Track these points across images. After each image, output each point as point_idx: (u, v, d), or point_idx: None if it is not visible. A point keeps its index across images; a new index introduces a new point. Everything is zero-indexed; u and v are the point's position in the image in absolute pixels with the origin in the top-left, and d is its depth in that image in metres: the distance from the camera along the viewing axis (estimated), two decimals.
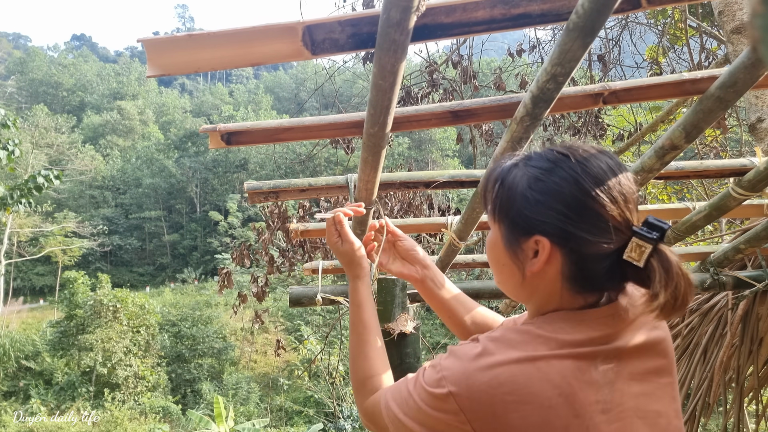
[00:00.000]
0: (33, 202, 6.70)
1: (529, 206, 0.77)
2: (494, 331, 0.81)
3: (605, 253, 0.74)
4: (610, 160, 0.77)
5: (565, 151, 0.77)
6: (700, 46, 3.85)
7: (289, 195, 1.35)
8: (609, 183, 0.74)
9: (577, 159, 0.76)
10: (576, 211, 0.73)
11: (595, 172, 0.74)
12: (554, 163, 0.76)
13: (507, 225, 0.81)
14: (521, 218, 0.78)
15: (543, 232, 0.76)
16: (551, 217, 0.75)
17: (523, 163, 0.80)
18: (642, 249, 0.71)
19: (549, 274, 0.78)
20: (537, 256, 0.77)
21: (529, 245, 0.78)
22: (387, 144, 1.03)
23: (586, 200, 0.73)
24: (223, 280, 4.55)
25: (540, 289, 0.80)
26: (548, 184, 0.75)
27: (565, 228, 0.74)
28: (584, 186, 0.73)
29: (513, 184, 0.79)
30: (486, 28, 0.75)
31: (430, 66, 4.42)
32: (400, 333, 1.73)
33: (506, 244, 0.82)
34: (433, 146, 41.56)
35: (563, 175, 0.75)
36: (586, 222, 0.73)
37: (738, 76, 0.94)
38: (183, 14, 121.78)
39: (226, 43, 0.75)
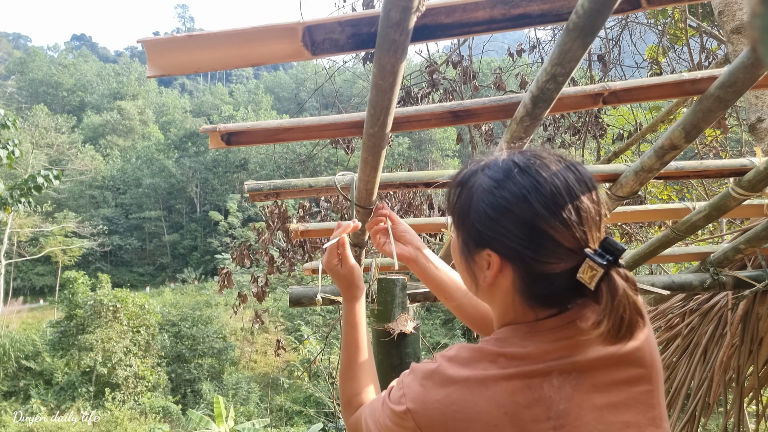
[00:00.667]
0: (33, 201, 6.70)
1: (480, 220, 0.76)
2: (451, 348, 0.80)
3: (557, 273, 0.73)
4: (570, 175, 0.73)
5: (523, 162, 0.75)
6: (700, 46, 3.85)
7: (289, 195, 1.35)
8: (562, 203, 0.71)
9: (531, 174, 0.73)
10: (524, 231, 0.72)
11: (548, 191, 0.71)
12: (507, 177, 0.74)
13: (462, 234, 0.81)
14: (474, 230, 0.77)
15: (492, 247, 0.75)
16: (500, 234, 0.74)
17: (482, 171, 0.79)
18: (593, 272, 0.69)
19: (503, 286, 0.78)
20: (490, 267, 0.77)
21: (482, 257, 0.78)
22: (387, 144, 1.03)
23: (534, 221, 0.71)
24: (223, 280, 4.55)
25: (496, 299, 0.80)
26: (498, 199, 0.74)
27: (512, 246, 0.73)
28: (534, 206, 0.71)
29: (469, 193, 0.78)
30: (486, 28, 0.75)
31: (430, 66, 4.42)
32: (400, 333, 1.73)
33: (461, 253, 0.83)
34: (433, 146, 41.57)
35: (514, 191, 0.73)
36: (533, 242, 0.72)
37: (738, 76, 0.94)
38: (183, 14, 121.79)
39: (226, 44, 0.75)
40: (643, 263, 2.07)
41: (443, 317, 28.18)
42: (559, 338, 0.74)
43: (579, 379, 0.72)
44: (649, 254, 1.94)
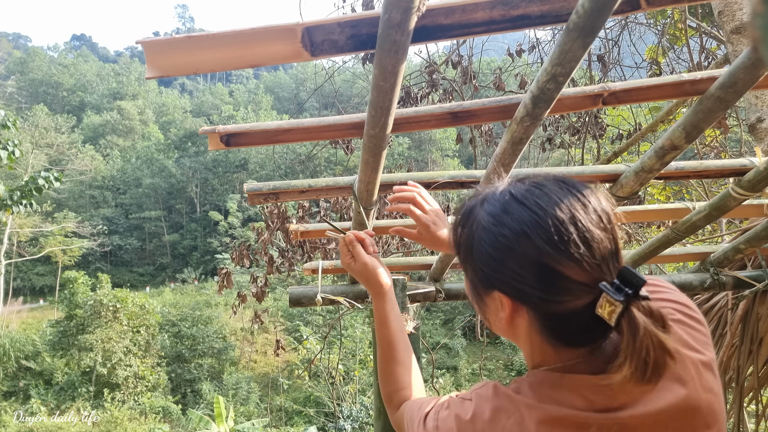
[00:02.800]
0: (34, 203, 6.70)
1: (484, 261, 0.70)
2: (487, 387, 0.75)
3: (573, 310, 0.65)
4: (575, 203, 0.66)
5: (520, 194, 0.69)
6: (699, 46, 3.85)
7: (289, 196, 1.35)
8: (567, 236, 0.64)
9: (530, 206, 0.67)
10: (530, 271, 0.65)
11: (549, 223, 0.65)
12: (505, 212, 0.68)
13: (470, 275, 0.76)
14: (479, 272, 0.72)
15: (501, 289, 0.69)
16: (505, 276, 0.68)
17: (481, 206, 0.73)
18: (612, 308, 0.62)
19: (521, 327, 0.72)
20: (502, 309, 0.71)
21: (492, 299, 0.72)
22: (387, 145, 1.03)
23: (540, 258, 0.64)
24: (222, 280, 4.55)
25: (519, 340, 0.74)
26: (498, 238, 0.68)
27: (520, 288, 0.67)
28: (535, 242, 0.65)
29: (471, 232, 0.73)
30: (485, 29, 0.75)
31: (430, 66, 4.42)
32: None
33: (472, 294, 0.77)
34: (433, 146, 41.57)
35: (513, 227, 0.66)
36: (543, 282, 0.65)
37: (738, 76, 0.94)
38: (183, 14, 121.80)
39: (225, 45, 0.74)
40: (643, 263, 2.07)
41: (443, 317, 28.19)
42: (595, 386, 0.66)
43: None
44: (649, 254, 1.94)
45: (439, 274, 2.06)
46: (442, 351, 24.61)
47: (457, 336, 25.40)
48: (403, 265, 2.29)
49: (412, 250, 4.68)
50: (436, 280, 2.08)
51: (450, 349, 25.02)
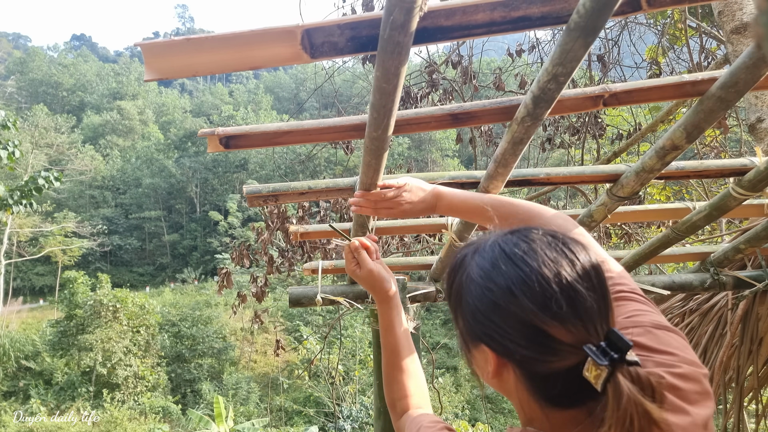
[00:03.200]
0: (34, 202, 6.70)
1: (471, 313, 0.70)
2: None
3: (559, 370, 0.64)
4: (563, 261, 0.65)
5: (509, 249, 0.68)
6: (699, 47, 3.85)
7: (288, 198, 1.35)
8: (552, 295, 0.63)
9: (517, 263, 0.66)
10: (516, 329, 0.64)
11: (535, 282, 0.64)
12: (493, 267, 0.68)
13: (459, 325, 0.75)
14: (467, 324, 0.71)
15: (486, 343, 0.68)
16: (491, 331, 0.67)
17: (473, 257, 0.72)
18: (598, 371, 0.60)
19: (509, 383, 0.70)
20: (488, 364, 0.70)
21: (479, 351, 0.71)
22: (389, 146, 1.03)
23: (525, 317, 0.63)
24: (222, 280, 4.55)
25: (508, 395, 0.72)
26: (486, 292, 0.67)
27: (505, 345, 0.66)
28: (521, 301, 0.64)
29: (461, 283, 0.72)
30: (486, 30, 0.75)
31: (430, 66, 4.41)
32: None
33: (461, 343, 0.77)
34: (433, 146, 41.57)
35: (500, 283, 0.66)
36: (528, 340, 0.64)
37: (739, 76, 0.94)
38: (183, 14, 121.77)
39: (224, 47, 0.74)
40: (643, 263, 2.07)
41: (443, 317, 28.18)
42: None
43: None
44: (649, 254, 1.94)
45: (439, 274, 2.06)
46: (442, 351, 24.61)
47: (457, 336, 25.37)
48: (403, 265, 2.28)
49: (412, 250, 4.68)
50: (436, 280, 2.08)
51: (450, 349, 25.02)
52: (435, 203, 1.13)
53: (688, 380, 0.70)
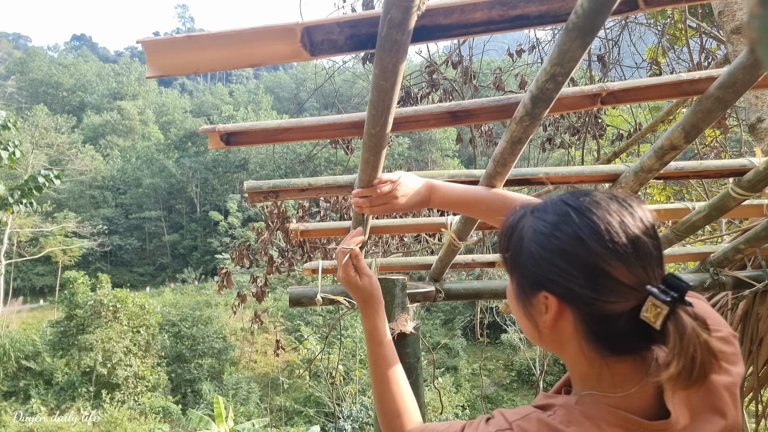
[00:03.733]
0: (34, 202, 6.70)
1: (534, 262, 0.74)
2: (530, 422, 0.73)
3: (619, 312, 0.69)
4: (624, 212, 0.71)
5: (575, 203, 0.73)
6: (699, 47, 3.85)
7: (289, 195, 1.35)
8: (619, 238, 0.68)
9: (584, 213, 0.71)
10: (579, 270, 0.69)
11: (601, 228, 0.69)
12: (560, 217, 0.73)
13: (517, 278, 0.79)
14: (529, 273, 0.75)
15: (549, 289, 0.72)
16: (555, 275, 0.71)
17: (532, 215, 0.77)
18: (658, 310, 0.65)
19: (565, 331, 0.74)
20: (548, 311, 0.74)
21: (538, 300, 0.75)
22: (387, 144, 1.03)
23: (590, 258, 0.68)
24: (222, 280, 4.55)
25: (563, 348, 0.76)
26: (552, 240, 0.72)
27: (568, 287, 0.70)
28: (589, 244, 0.69)
29: (521, 237, 0.77)
30: (484, 29, 0.75)
31: (430, 66, 4.42)
32: (400, 333, 1.73)
33: (517, 298, 0.80)
34: (433, 146, 41.59)
35: (568, 231, 0.71)
36: (592, 281, 0.69)
37: (737, 76, 0.94)
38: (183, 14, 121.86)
39: (225, 44, 0.75)
40: None
41: (443, 317, 28.19)
42: (647, 429, 0.69)
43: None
44: None
45: (438, 274, 2.06)
46: (442, 351, 24.62)
47: (457, 336, 25.40)
48: (403, 265, 2.29)
49: (412, 250, 4.69)
50: (436, 280, 2.08)
51: (450, 349, 25.03)
52: (429, 196, 1.14)
53: (727, 343, 0.78)
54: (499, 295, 2.15)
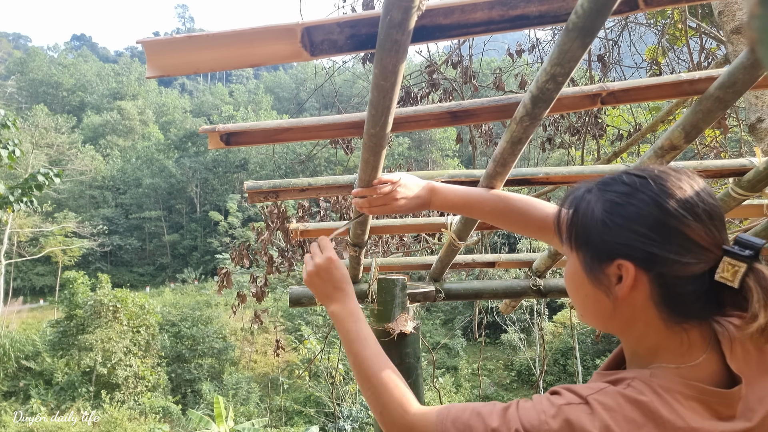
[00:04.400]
0: (35, 201, 6.70)
1: (609, 231, 0.74)
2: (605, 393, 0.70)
3: (694, 274, 0.70)
4: (688, 179, 0.74)
5: (640, 173, 0.76)
6: (699, 47, 3.85)
7: (289, 195, 1.35)
8: (691, 201, 0.71)
9: (654, 180, 0.74)
10: (659, 232, 0.71)
11: (675, 192, 0.72)
12: (632, 187, 0.75)
13: (587, 252, 0.78)
14: (602, 243, 0.75)
15: (625, 255, 0.73)
16: (633, 240, 0.72)
17: (598, 189, 0.78)
18: (735, 269, 0.67)
19: (637, 301, 0.74)
20: (621, 281, 0.74)
21: (612, 270, 0.75)
22: (387, 144, 1.03)
23: (668, 220, 0.70)
24: (222, 280, 4.55)
25: (633, 320, 0.76)
26: (628, 207, 0.73)
27: (648, 250, 0.71)
28: (666, 206, 0.71)
29: (589, 209, 0.77)
30: (484, 29, 0.75)
31: (430, 66, 4.42)
32: (400, 333, 1.73)
33: (588, 272, 0.79)
34: (433, 146, 41.59)
35: (643, 197, 0.73)
36: (670, 243, 0.70)
37: (737, 76, 0.94)
38: (183, 14, 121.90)
39: (225, 45, 0.75)
40: None
41: (443, 317, 28.19)
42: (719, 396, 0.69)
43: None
44: None
45: (438, 274, 2.06)
46: (442, 351, 24.61)
47: (457, 336, 25.40)
48: (403, 265, 2.29)
49: (412, 250, 4.69)
50: (436, 280, 2.08)
51: (450, 349, 25.03)
52: (430, 198, 1.14)
53: None
54: (499, 295, 2.15)
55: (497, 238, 22.08)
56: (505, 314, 3.95)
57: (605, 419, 0.66)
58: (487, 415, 0.74)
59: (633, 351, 0.79)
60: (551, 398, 0.72)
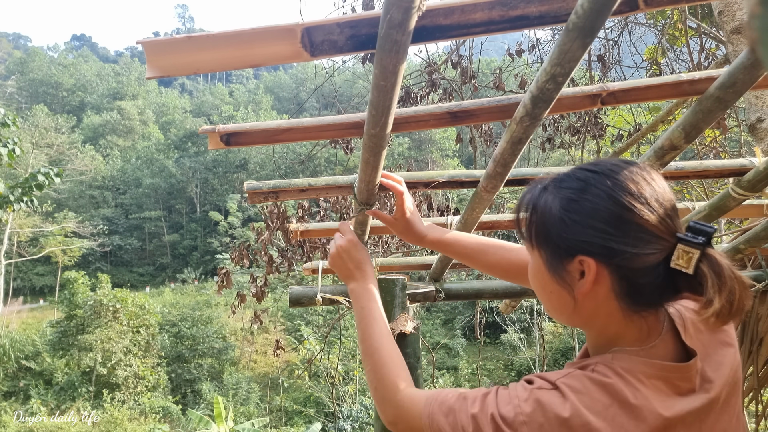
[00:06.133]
0: (35, 200, 6.70)
1: (567, 228, 0.75)
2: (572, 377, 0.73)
3: (652, 264, 0.72)
4: (640, 170, 0.76)
5: (592, 168, 0.77)
6: (699, 47, 3.85)
7: (289, 195, 1.35)
8: (644, 193, 0.73)
9: (606, 174, 0.75)
10: (615, 226, 0.72)
11: (627, 184, 0.73)
12: (585, 182, 0.76)
13: (547, 250, 0.80)
14: (561, 241, 0.77)
15: (585, 251, 0.74)
16: (591, 236, 0.74)
17: (553, 186, 0.80)
18: (689, 255, 0.70)
19: (600, 294, 0.76)
20: (584, 277, 0.76)
21: (573, 267, 0.76)
22: (387, 144, 1.04)
23: (623, 213, 0.72)
24: (222, 280, 4.55)
25: (596, 313, 0.78)
26: (583, 203, 0.74)
27: (606, 245, 0.73)
28: (619, 200, 0.72)
29: (546, 208, 0.78)
30: (484, 29, 0.75)
31: (430, 66, 4.42)
32: (400, 333, 1.73)
33: (550, 269, 0.80)
34: (433, 146, 41.59)
35: (596, 192, 0.74)
36: (627, 235, 0.72)
37: (737, 76, 0.94)
38: (183, 14, 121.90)
39: (225, 45, 0.75)
40: None
41: (443, 317, 28.18)
42: (677, 370, 0.73)
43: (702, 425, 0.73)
44: None
45: (438, 274, 2.06)
46: (442, 351, 24.61)
47: (457, 336, 25.40)
48: (403, 265, 2.29)
49: (412, 250, 4.69)
50: (436, 280, 2.08)
51: (450, 349, 25.02)
52: (426, 233, 1.21)
53: None
54: (499, 295, 2.15)
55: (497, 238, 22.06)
56: (505, 314, 3.96)
57: (575, 402, 0.69)
58: (471, 400, 0.77)
59: (595, 342, 0.82)
60: (525, 385, 0.75)
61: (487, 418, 0.73)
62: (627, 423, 0.68)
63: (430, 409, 0.81)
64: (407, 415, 0.86)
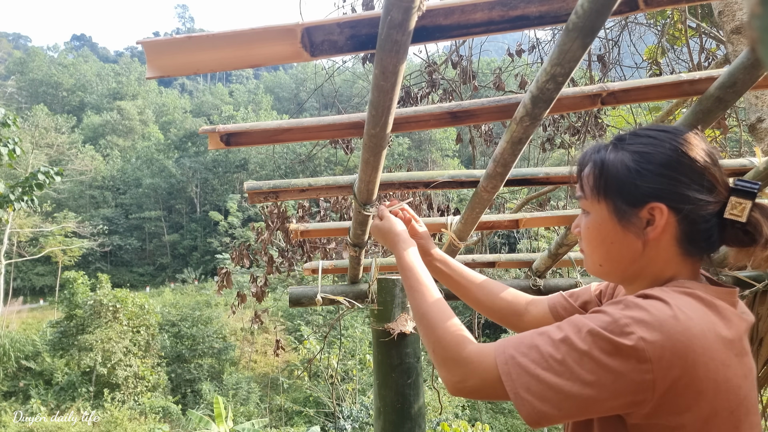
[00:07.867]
0: (35, 200, 6.70)
1: (641, 177, 0.82)
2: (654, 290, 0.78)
3: (711, 213, 0.80)
4: (697, 133, 0.84)
5: (657, 127, 0.86)
6: (699, 47, 3.85)
7: (289, 195, 1.35)
8: (708, 150, 0.82)
9: (672, 132, 0.84)
10: (686, 175, 0.80)
11: (693, 141, 0.82)
12: (656, 139, 0.83)
13: (618, 199, 0.85)
14: (635, 189, 0.82)
15: (657, 198, 0.81)
16: (664, 183, 0.81)
17: (617, 145, 0.87)
18: (742, 206, 0.78)
19: (663, 240, 0.83)
20: (650, 224, 0.82)
21: (643, 214, 0.83)
22: (387, 144, 1.04)
23: (693, 164, 0.80)
24: (222, 280, 4.54)
25: (656, 259, 0.84)
26: (656, 155, 0.82)
27: (678, 191, 0.80)
28: (688, 152, 0.80)
29: (617, 160, 0.85)
30: (484, 29, 0.75)
31: (430, 66, 4.42)
32: (400, 333, 1.74)
33: (619, 218, 0.85)
34: (433, 146, 41.57)
35: (668, 146, 0.82)
36: (696, 183, 0.80)
37: (737, 76, 0.94)
38: (183, 14, 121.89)
39: (225, 45, 0.75)
40: None
41: None
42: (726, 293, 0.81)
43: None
44: None
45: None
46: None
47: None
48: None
49: None
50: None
51: None
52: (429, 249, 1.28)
53: None
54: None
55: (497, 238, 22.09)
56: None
57: (673, 302, 0.74)
58: (553, 330, 0.78)
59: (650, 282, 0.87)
60: (614, 305, 0.78)
61: (582, 335, 0.73)
62: (717, 323, 0.74)
63: (505, 355, 0.79)
64: (478, 368, 0.83)
